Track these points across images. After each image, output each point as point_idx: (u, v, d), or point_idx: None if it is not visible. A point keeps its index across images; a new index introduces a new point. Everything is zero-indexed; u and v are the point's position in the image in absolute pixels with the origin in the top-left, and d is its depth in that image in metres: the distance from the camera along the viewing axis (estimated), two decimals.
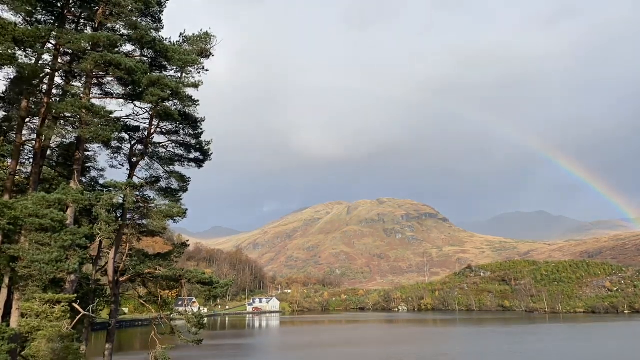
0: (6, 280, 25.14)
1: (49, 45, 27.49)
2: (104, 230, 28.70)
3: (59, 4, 28.15)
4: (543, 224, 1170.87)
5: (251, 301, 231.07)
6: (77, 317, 26.49)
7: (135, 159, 33.28)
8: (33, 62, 26.66)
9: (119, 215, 31.78)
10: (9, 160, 27.55)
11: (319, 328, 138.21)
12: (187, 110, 33.05)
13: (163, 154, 34.70)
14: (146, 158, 33.87)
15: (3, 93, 27.78)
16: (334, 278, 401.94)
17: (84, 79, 29.64)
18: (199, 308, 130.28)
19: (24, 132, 28.42)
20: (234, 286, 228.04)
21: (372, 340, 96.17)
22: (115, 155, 33.69)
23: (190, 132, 34.22)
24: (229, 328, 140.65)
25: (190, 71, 32.48)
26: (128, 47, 31.01)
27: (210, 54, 33.12)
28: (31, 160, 29.13)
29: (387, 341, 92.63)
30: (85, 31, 29.23)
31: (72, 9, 28.88)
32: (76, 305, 26.64)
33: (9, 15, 25.70)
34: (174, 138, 34.36)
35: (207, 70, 33.03)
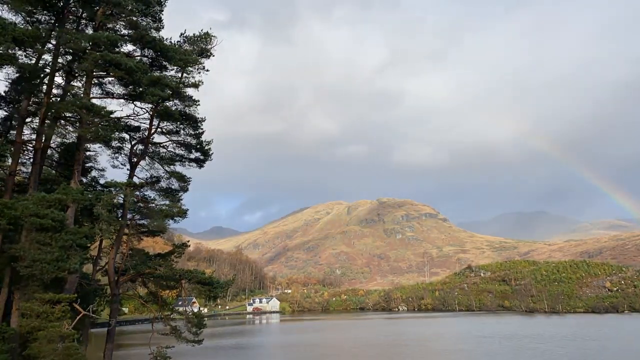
0: (7, 280, 25.13)
1: (49, 45, 27.50)
2: (104, 230, 28.69)
3: (59, 4, 28.14)
4: (543, 224, 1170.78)
5: (251, 301, 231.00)
6: (78, 317, 26.46)
7: (135, 159, 33.27)
8: (33, 62, 26.67)
9: (119, 215, 31.78)
10: (9, 160, 27.54)
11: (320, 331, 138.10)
12: (187, 110, 33.06)
13: (163, 154, 34.69)
14: (147, 158, 33.88)
15: (4, 93, 27.78)
16: (334, 278, 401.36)
17: (84, 78, 29.62)
18: (199, 308, 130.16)
19: (24, 132, 28.44)
20: (234, 286, 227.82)
21: None
22: (116, 155, 33.71)
23: (191, 132, 34.21)
24: (228, 328, 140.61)
25: (191, 71, 32.47)
26: (128, 47, 31.04)
27: (211, 54, 33.11)
28: (31, 160, 29.12)
29: None
30: (86, 31, 29.26)
31: (73, 9, 28.89)
32: (76, 305, 26.62)
33: (9, 15, 25.74)
34: (174, 138, 34.35)
35: (207, 70, 33.04)
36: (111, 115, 27.93)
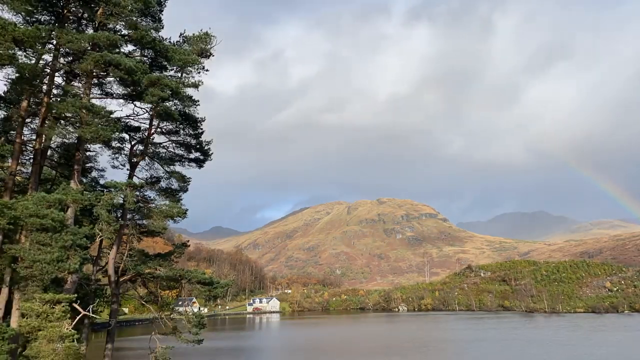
0: (7, 280, 25.14)
1: (49, 46, 27.49)
2: (104, 230, 28.69)
3: (59, 4, 28.16)
4: (543, 224, 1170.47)
5: (251, 301, 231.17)
6: (78, 317, 26.46)
7: (135, 159, 33.26)
8: (33, 62, 26.66)
9: (119, 216, 31.77)
10: (10, 160, 27.54)
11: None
12: (187, 111, 33.06)
13: (163, 154, 34.69)
14: (146, 158, 33.87)
15: (3, 93, 27.79)
16: (334, 278, 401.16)
17: (84, 79, 29.61)
18: (199, 308, 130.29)
19: (24, 132, 28.44)
20: (234, 286, 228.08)
21: None
22: (116, 155, 33.68)
23: (191, 132, 34.23)
24: (229, 328, 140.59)
25: (190, 71, 32.49)
26: (128, 47, 31.04)
27: (210, 54, 33.09)
28: (31, 160, 29.11)
29: None
30: (86, 31, 29.23)
31: (73, 9, 28.89)
32: (76, 305, 26.61)
33: (9, 15, 25.73)
34: (174, 138, 34.36)
35: (207, 70, 33.04)
36: (111, 116, 27.90)
